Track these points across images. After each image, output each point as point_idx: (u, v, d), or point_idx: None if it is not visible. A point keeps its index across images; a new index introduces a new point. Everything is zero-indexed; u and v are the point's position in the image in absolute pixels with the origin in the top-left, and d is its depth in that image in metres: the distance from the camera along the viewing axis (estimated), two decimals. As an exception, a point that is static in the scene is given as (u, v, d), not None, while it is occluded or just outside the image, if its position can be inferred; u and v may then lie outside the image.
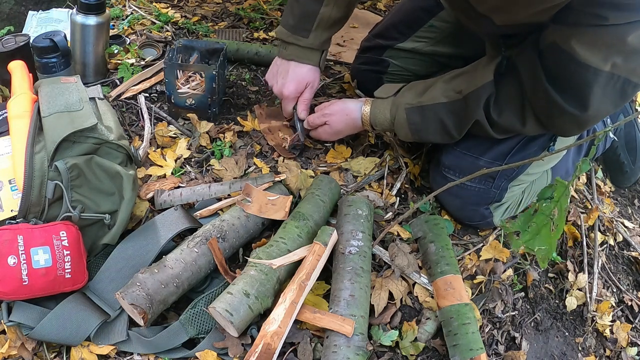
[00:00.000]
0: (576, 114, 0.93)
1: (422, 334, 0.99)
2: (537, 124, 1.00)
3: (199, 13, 1.82)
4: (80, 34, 1.35)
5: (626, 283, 1.32)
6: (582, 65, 0.87)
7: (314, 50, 1.24)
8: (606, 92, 0.90)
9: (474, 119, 1.04)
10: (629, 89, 0.90)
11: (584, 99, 0.91)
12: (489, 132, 1.05)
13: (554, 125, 0.99)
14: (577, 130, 1.03)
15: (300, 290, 0.90)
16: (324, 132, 1.27)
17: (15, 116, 0.96)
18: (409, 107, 1.11)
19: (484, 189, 1.15)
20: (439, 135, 1.11)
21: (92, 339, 0.89)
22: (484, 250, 1.16)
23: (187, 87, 1.29)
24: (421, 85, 1.13)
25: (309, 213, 1.05)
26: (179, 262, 0.93)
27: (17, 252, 0.83)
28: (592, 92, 0.90)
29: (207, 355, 0.89)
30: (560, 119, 0.97)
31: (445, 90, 1.08)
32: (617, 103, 0.93)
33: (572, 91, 0.92)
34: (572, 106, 0.93)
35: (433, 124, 1.10)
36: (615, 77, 0.88)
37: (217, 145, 1.26)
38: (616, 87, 0.89)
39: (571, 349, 1.15)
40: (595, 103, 0.91)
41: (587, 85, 0.89)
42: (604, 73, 0.87)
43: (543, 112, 0.98)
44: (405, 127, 1.13)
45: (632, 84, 0.89)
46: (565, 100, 0.93)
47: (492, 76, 1.02)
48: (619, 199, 1.55)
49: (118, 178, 0.95)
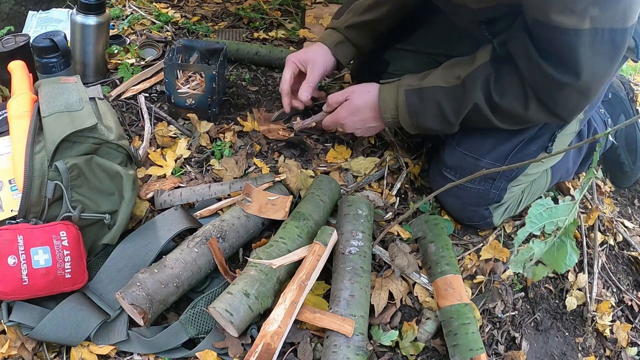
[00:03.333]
0: (572, 82, 0.92)
1: (422, 334, 0.99)
2: (540, 108, 0.99)
3: (199, 13, 1.82)
4: (80, 34, 1.35)
5: (626, 283, 1.32)
6: (561, 31, 0.86)
7: (334, 31, 1.26)
8: (595, 49, 0.88)
9: (472, 101, 1.02)
10: (617, 38, 0.88)
11: (574, 64, 0.90)
12: (490, 118, 1.04)
13: (556, 104, 0.98)
14: (583, 102, 0.99)
15: (300, 290, 0.90)
16: (342, 110, 1.20)
17: (15, 116, 0.96)
18: (409, 88, 1.10)
19: (484, 189, 1.15)
20: (437, 121, 1.09)
21: (92, 339, 0.89)
22: (484, 250, 1.16)
23: (187, 87, 1.29)
24: (424, 72, 1.13)
25: (309, 213, 1.05)
26: (179, 262, 0.93)
27: (17, 252, 0.83)
28: (580, 55, 0.88)
29: (207, 355, 0.89)
30: (560, 94, 0.96)
31: (445, 76, 1.07)
32: (612, 56, 0.91)
33: (562, 60, 0.91)
34: (565, 76, 0.92)
35: (431, 107, 1.08)
36: (598, 31, 0.86)
37: (217, 145, 1.26)
38: (604, 41, 0.87)
39: (571, 349, 1.15)
40: (586, 65, 0.90)
41: (572, 49, 0.88)
42: (585, 32, 0.86)
43: (543, 92, 0.97)
44: (404, 111, 1.11)
45: (619, 31, 0.87)
46: (558, 71, 0.92)
47: (488, 57, 1.01)
48: (619, 199, 1.55)
49: (118, 178, 0.95)
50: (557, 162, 1.22)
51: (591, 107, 1.14)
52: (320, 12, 1.91)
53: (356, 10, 1.27)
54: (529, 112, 1.00)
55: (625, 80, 1.55)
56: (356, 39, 1.29)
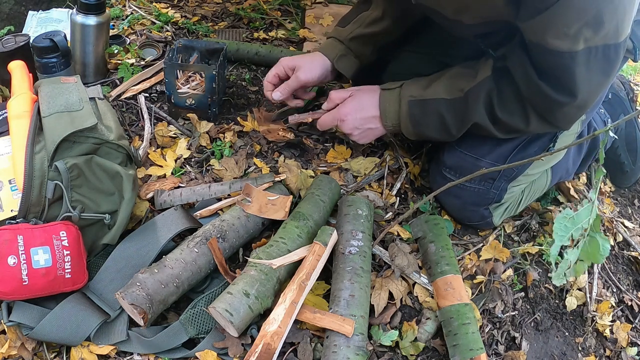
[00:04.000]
0: (569, 101, 0.94)
1: (422, 334, 0.99)
2: (540, 122, 1.00)
3: (199, 13, 1.82)
4: (80, 34, 1.35)
5: (626, 283, 1.32)
6: (557, 54, 0.88)
7: (337, 42, 1.25)
8: (590, 67, 0.89)
9: (474, 116, 1.03)
10: (611, 53, 0.89)
11: (571, 84, 0.91)
12: (492, 131, 1.05)
13: (556, 119, 0.99)
14: (580, 115, 1.01)
15: (300, 290, 0.90)
16: (345, 106, 1.17)
17: (15, 116, 0.96)
18: (412, 99, 1.10)
19: (484, 189, 1.15)
20: (438, 132, 1.10)
21: (92, 339, 0.89)
22: (484, 250, 1.16)
23: (187, 87, 1.29)
24: (426, 79, 1.13)
25: (309, 213, 1.05)
26: (179, 262, 0.93)
27: (17, 252, 0.83)
28: (576, 75, 0.90)
29: (207, 355, 0.89)
30: (560, 111, 0.97)
31: (448, 87, 1.08)
32: (607, 71, 0.92)
33: (559, 81, 0.92)
34: (563, 96, 0.93)
35: (433, 119, 1.09)
36: (592, 49, 0.87)
37: (217, 145, 1.26)
38: (598, 58, 0.88)
39: (571, 349, 1.15)
40: (582, 84, 0.91)
41: (568, 71, 0.90)
42: (580, 52, 0.87)
43: (542, 108, 0.98)
44: (406, 120, 1.11)
45: (612, 46, 0.88)
46: (556, 91, 0.93)
47: (490, 72, 1.02)
48: (619, 199, 1.55)
49: (118, 178, 0.95)
50: (557, 162, 1.22)
51: (593, 108, 1.14)
52: (320, 12, 1.91)
53: (362, 22, 1.26)
54: (530, 127, 1.02)
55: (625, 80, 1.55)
56: (359, 51, 1.28)
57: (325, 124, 1.20)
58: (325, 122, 1.20)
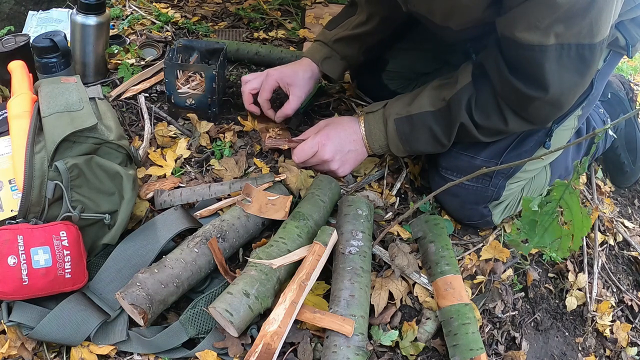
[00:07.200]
0: (541, 96, 0.94)
1: (422, 334, 0.99)
2: (518, 120, 1.02)
3: (199, 13, 1.82)
4: (80, 34, 1.35)
5: (626, 283, 1.32)
6: (527, 47, 0.89)
7: (322, 45, 1.26)
8: (562, 64, 0.90)
9: (459, 121, 1.05)
10: (586, 53, 0.89)
11: (541, 79, 0.92)
12: (477, 136, 1.06)
13: (530, 115, 1.00)
14: (556, 113, 1.01)
15: (300, 290, 0.90)
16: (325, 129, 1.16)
17: (15, 116, 0.96)
18: (397, 117, 1.11)
19: (481, 187, 1.15)
20: (430, 144, 1.11)
21: (92, 339, 0.89)
22: (484, 250, 1.16)
23: (187, 87, 1.29)
24: (408, 96, 1.14)
25: (309, 213, 1.05)
26: (179, 262, 0.93)
27: (17, 252, 0.83)
28: (546, 70, 0.90)
29: (207, 355, 0.89)
30: (532, 106, 0.98)
31: (431, 99, 1.09)
32: (581, 71, 0.92)
33: (529, 75, 0.93)
34: (533, 90, 0.94)
35: (423, 133, 1.10)
36: (564, 46, 0.87)
37: (217, 145, 1.26)
38: (571, 56, 0.89)
39: (571, 349, 1.15)
40: (553, 80, 0.91)
41: (538, 65, 0.90)
42: (551, 47, 0.87)
43: (515, 105, 1.00)
44: (395, 139, 1.13)
45: (587, 46, 0.88)
46: (527, 85, 0.94)
47: (470, 78, 1.04)
48: (619, 199, 1.55)
49: (118, 178, 0.95)
50: (556, 159, 1.22)
51: (589, 104, 1.14)
52: (320, 12, 1.91)
53: (348, 25, 1.28)
54: (510, 126, 1.03)
55: (625, 80, 1.55)
56: (345, 52, 1.29)
57: (304, 151, 1.14)
58: (304, 150, 1.14)
